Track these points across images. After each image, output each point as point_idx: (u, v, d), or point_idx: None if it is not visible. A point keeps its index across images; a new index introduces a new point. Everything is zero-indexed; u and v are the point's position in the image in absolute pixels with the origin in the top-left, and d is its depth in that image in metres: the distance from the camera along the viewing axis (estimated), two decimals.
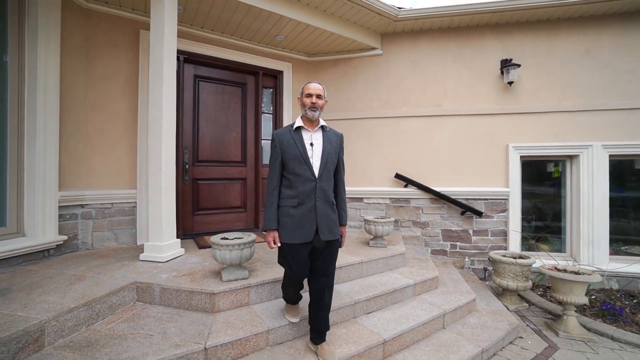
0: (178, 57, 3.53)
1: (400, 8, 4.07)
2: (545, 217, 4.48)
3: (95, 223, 3.30)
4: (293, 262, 1.93)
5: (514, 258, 3.40)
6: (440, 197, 4.27)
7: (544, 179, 4.51)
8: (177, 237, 3.11)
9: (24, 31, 2.83)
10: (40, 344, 1.69)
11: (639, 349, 2.59)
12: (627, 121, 3.92)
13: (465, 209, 4.21)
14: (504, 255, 3.49)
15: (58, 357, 1.64)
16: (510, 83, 4.10)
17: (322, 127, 2.04)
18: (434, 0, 4.44)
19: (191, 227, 3.92)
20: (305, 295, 2.22)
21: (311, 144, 1.98)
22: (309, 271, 2.00)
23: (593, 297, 3.60)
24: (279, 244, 1.92)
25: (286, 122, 4.51)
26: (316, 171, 1.94)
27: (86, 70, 3.25)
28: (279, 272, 2.55)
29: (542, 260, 3.53)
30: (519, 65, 4.04)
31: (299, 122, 2.01)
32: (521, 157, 4.20)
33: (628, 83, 3.91)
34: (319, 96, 1.97)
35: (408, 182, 4.35)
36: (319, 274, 1.99)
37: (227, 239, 2.35)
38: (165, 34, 2.80)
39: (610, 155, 3.95)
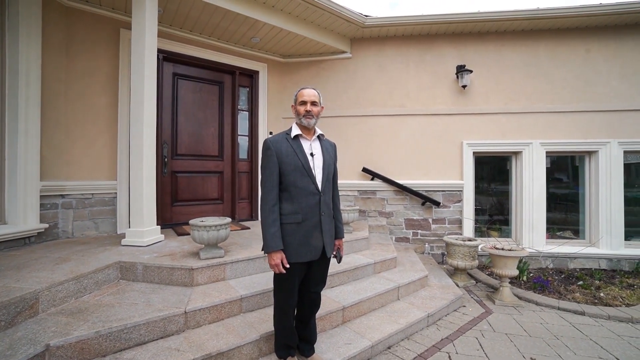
0: (157, 56, 3.69)
1: (367, 16, 4.46)
2: (498, 209, 5.03)
3: (75, 212, 3.44)
4: (294, 283, 1.83)
5: (464, 241, 3.88)
6: (403, 189, 4.70)
7: (498, 176, 5.05)
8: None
9: (5, 28, 2.95)
10: (35, 311, 1.91)
11: (554, 310, 3.13)
12: (560, 122, 4.51)
13: (425, 199, 4.67)
14: (456, 239, 3.96)
15: (53, 321, 1.86)
16: (464, 86, 4.59)
17: (319, 136, 1.93)
18: (408, 8, 4.87)
19: (170, 218, 4.12)
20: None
21: (311, 154, 1.85)
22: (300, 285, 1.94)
23: (531, 274, 4.14)
24: (287, 265, 1.75)
25: (262, 120, 4.78)
26: (319, 184, 1.83)
27: (67, 66, 3.38)
28: (253, 252, 2.86)
29: (491, 243, 4.03)
30: (471, 71, 4.54)
31: (296, 130, 1.85)
32: (474, 152, 4.71)
33: (561, 89, 4.51)
34: (313, 103, 1.83)
35: (374, 175, 4.76)
36: (317, 282, 1.96)
37: (204, 221, 2.61)
38: (147, 35, 3.01)
39: (547, 152, 4.54)
